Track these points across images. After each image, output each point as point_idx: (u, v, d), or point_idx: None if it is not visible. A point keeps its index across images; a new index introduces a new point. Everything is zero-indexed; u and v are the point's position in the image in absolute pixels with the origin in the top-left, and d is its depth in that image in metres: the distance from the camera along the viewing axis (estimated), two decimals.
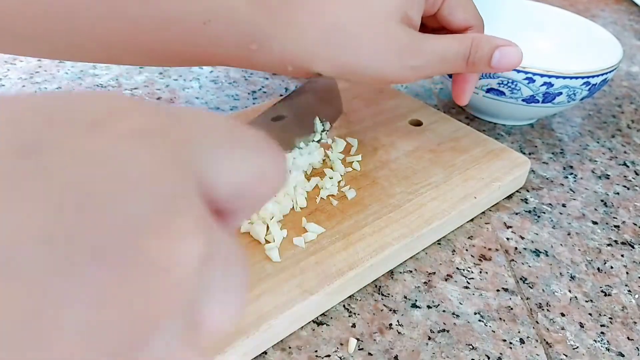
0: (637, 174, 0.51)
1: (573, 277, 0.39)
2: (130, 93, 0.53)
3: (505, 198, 0.45)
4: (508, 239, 0.42)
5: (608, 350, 0.34)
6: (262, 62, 0.38)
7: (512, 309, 0.36)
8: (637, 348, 0.35)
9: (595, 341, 0.35)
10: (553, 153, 0.52)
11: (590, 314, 0.37)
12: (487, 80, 0.48)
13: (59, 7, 0.33)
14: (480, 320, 0.35)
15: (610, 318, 0.37)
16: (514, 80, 0.47)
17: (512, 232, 0.42)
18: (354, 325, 0.34)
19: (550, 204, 0.46)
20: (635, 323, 0.37)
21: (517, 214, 0.44)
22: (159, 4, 0.34)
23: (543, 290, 0.38)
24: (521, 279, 0.39)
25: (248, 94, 0.55)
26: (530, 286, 0.38)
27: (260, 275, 0.33)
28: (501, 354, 0.33)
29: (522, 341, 0.34)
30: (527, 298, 0.37)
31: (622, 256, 0.42)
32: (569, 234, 0.43)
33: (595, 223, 0.44)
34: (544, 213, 0.45)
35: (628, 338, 0.35)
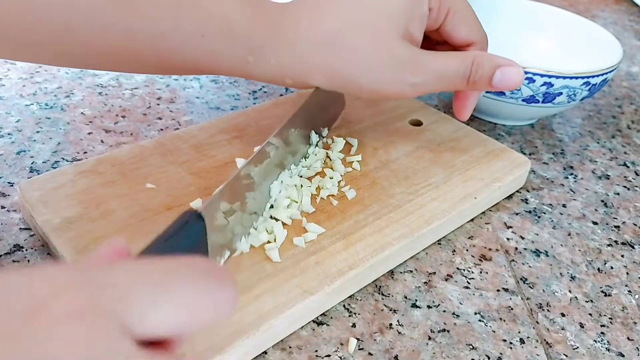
0: (637, 175, 0.51)
1: (573, 278, 0.39)
2: (130, 93, 0.53)
3: (505, 198, 0.45)
4: (508, 239, 0.42)
5: (608, 350, 0.35)
6: (260, 75, 0.37)
7: (513, 309, 0.36)
8: (637, 348, 0.35)
9: (595, 341, 0.35)
10: (553, 153, 0.52)
11: (590, 314, 0.37)
12: None
13: (57, 16, 0.33)
14: (480, 320, 0.35)
15: (610, 318, 0.37)
16: None
17: (513, 232, 0.42)
18: (354, 325, 0.34)
19: (550, 204, 0.46)
20: (635, 323, 0.37)
21: (518, 214, 0.44)
22: (155, 17, 0.34)
23: (543, 290, 0.38)
24: (521, 279, 0.39)
25: (249, 94, 0.55)
26: (530, 286, 0.38)
27: (260, 275, 0.33)
28: (501, 354, 0.33)
29: (522, 341, 0.34)
30: (528, 298, 0.37)
31: (622, 256, 0.42)
32: (569, 234, 0.43)
33: (595, 223, 0.45)
34: (544, 213, 0.45)
35: (628, 338, 0.35)
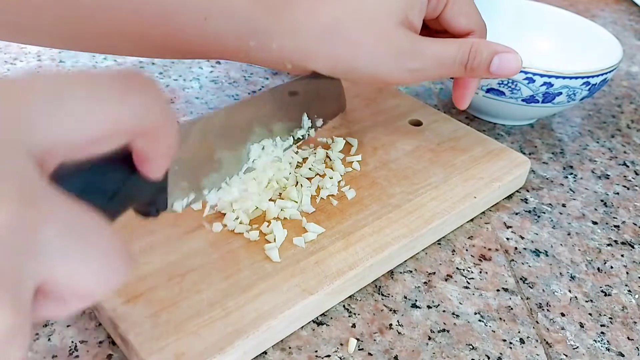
0: (637, 174, 0.51)
1: (573, 277, 0.39)
2: None
3: (505, 198, 0.45)
4: (508, 239, 0.42)
5: (608, 350, 0.35)
6: (261, 59, 0.38)
7: (512, 309, 0.36)
8: (637, 348, 0.35)
9: (595, 341, 0.35)
10: (553, 153, 0.52)
11: (590, 314, 0.37)
12: (487, 80, 0.48)
13: None
14: (480, 320, 0.35)
15: (610, 318, 0.37)
16: (514, 80, 0.47)
17: (512, 232, 0.42)
18: (354, 325, 0.34)
19: (550, 204, 0.46)
20: (635, 323, 0.37)
21: (517, 214, 0.44)
22: None
23: (543, 290, 0.38)
24: (521, 279, 0.39)
25: (248, 94, 0.55)
26: (530, 286, 0.38)
27: (260, 275, 0.33)
28: (501, 354, 0.33)
29: (522, 341, 0.34)
30: (527, 298, 0.37)
31: (622, 256, 0.42)
32: (569, 234, 0.43)
33: (595, 223, 0.44)
34: (544, 213, 0.45)
35: (628, 338, 0.35)
